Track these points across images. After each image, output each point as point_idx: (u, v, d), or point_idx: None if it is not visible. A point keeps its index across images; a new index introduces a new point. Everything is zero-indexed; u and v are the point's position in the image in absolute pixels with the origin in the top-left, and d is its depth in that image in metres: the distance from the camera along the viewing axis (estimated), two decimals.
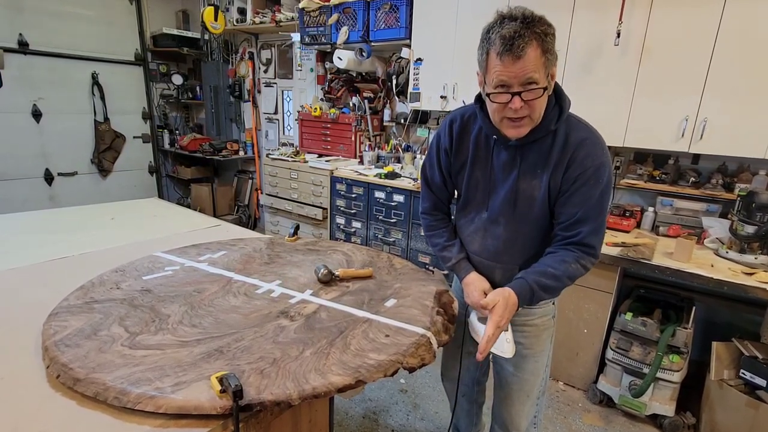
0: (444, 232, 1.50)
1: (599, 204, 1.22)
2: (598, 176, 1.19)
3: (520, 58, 1.04)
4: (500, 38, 1.05)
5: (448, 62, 3.12)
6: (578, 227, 1.22)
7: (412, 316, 1.30)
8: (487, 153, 1.32)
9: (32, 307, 1.34)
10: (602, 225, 1.24)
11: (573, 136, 1.21)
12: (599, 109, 2.46)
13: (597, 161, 1.19)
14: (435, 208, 1.52)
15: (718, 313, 2.63)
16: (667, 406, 2.22)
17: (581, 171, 1.19)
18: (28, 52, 4.26)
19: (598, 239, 1.24)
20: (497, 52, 1.06)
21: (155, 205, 2.84)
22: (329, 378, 0.98)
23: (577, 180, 1.20)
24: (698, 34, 2.20)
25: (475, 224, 1.40)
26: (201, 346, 1.09)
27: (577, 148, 1.19)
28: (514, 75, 1.07)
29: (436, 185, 1.47)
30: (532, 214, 1.28)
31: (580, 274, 1.24)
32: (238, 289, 1.45)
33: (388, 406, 2.43)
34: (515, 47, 1.03)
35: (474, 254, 1.43)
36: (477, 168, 1.35)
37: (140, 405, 0.89)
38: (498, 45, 1.06)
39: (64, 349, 1.06)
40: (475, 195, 1.38)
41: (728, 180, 2.46)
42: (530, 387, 1.50)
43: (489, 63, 1.11)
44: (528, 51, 1.04)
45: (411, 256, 3.32)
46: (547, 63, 1.09)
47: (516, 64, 1.05)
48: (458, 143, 1.37)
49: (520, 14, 1.06)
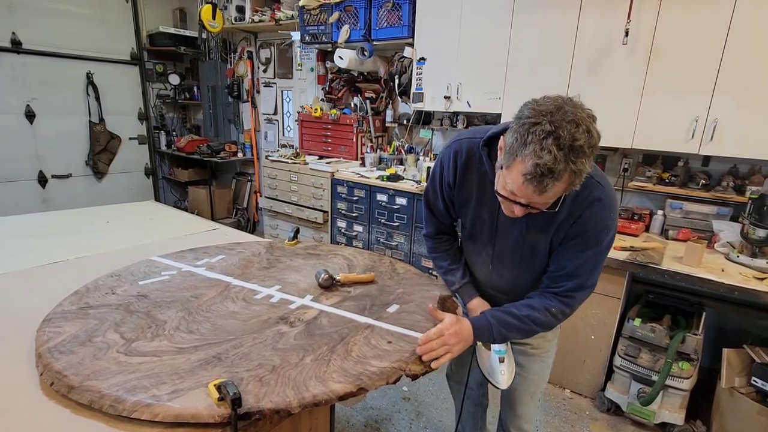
0: (448, 255, 1.50)
1: (592, 264, 1.20)
2: (598, 239, 1.16)
3: (544, 194, 0.97)
4: (533, 165, 0.92)
5: (452, 61, 3.09)
6: (564, 281, 1.22)
7: (415, 322, 1.29)
8: (493, 198, 1.21)
9: (25, 313, 1.33)
10: (589, 284, 1.22)
11: (583, 194, 1.12)
12: (607, 110, 2.44)
13: (601, 224, 1.15)
14: (439, 232, 1.51)
15: (728, 319, 2.61)
16: (677, 415, 2.20)
17: (583, 231, 1.16)
18: (21, 51, 4.22)
19: (580, 294, 1.23)
20: (524, 173, 0.95)
21: (151, 208, 2.83)
22: (330, 385, 0.97)
23: (576, 237, 1.18)
24: (708, 33, 2.17)
25: (482, 258, 1.40)
26: (198, 353, 1.08)
27: (587, 208, 1.14)
28: (528, 199, 1.02)
29: (439, 212, 1.44)
30: (537, 262, 1.28)
31: (546, 321, 1.23)
32: (237, 294, 1.43)
33: (391, 415, 2.40)
34: (543, 184, 0.94)
35: (479, 282, 1.47)
36: (483, 209, 1.30)
37: (136, 413, 0.88)
38: (529, 167, 0.93)
39: (59, 356, 1.05)
40: (480, 232, 1.36)
41: (739, 182, 2.44)
42: (535, 388, 1.52)
43: (512, 168, 0.99)
44: (556, 186, 0.96)
45: (414, 261, 3.30)
46: (570, 188, 1.00)
47: (535, 197, 0.99)
48: (462, 178, 1.31)
49: (567, 143, 0.90)
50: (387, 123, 3.96)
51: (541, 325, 1.22)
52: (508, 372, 1.29)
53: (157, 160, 5.53)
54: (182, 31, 5.10)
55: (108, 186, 5.07)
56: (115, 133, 5.01)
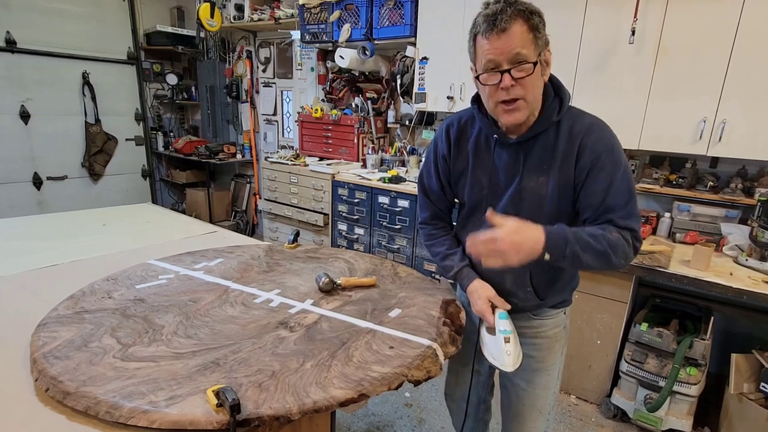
0: (445, 240, 1.44)
1: (625, 186, 1.13)
2: (615, 158, 1.13)
3: (505, 31, 1.03)
4: (483, 17, 1.06)
5: (455, 61, 3.05)
6: (608, 215, 1.14)
7: (418, 326, 1.28)
8: (488, 155, 1.27)
9: (20, 318, 1.32)
10: (635, 209, 1.15)
11: (577, 124, 1.16)
12: (613, 110, 2.40)
13: (609, 144, 1.14)
14: (434, 218, 1.47)
15: (737, 323, 2.59)
16: (684, 421, 2.18)
17: (594, 157, 1.13)
18: (16, 51, 4.19)
19: (633, 221, 1.14)
20: (482, 33, 1.07)
21: (149, 210, 2.82)
22: (331, 391, 0.96)
23: (592, 168, 1.13)
24: (717, 32, 2.14)
25: (482, 229, 1.30)
26: (197, 358, 1.07)
27: (586, 135, 1.14)
28: (500, 51, 1.05)
29: (434, 194, 1.42)
30: (542, 214, 1.20)
31: (623, 248, 1.10)
32: (236, 298, 1.42)
33: (393, 421, 2.38)
34: (498, 22, 1.03)
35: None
36: (479, 171, 1.30)
37: (133, 420, 0.88)
38: (482, 25, 1.06)
39: (54, 362, 1.04)
40: (479, 200, 1.32)
41: (748, 184, 2.41)
42: (543, 402, 1.45)
43: (477, 47, 1.11)
44: (513, 25, 1.03)
45: (416, 264, 3.26)
46: (536, 41, 1.06)
47: (501, 39, 1.04)
48: (457, 148, 1.33)
49: None
50: (389, 124, 3.93)
51: (614, 247, 1.09)
52: (514, 353, 1.20)
53: (155, 162, 5.51)
54: (180, 30, 5.08)
55: (104, 188, 5.05)
56: (111, 134, 4.98)
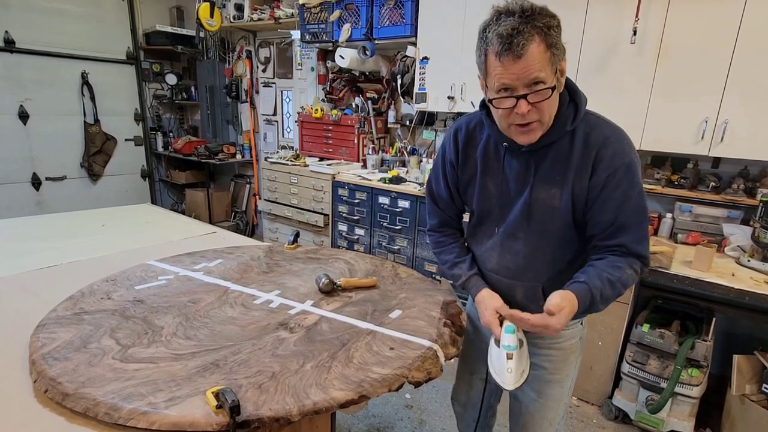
0: (454, 248, 1.40)
1: (638, 207, 1.10)
2: (631, 176, 1.09)
3: (522, 57, 0.95)
4: (497, 37, 0.95)
5: (455, 61, 3.05)
6: (619, 236, 1.11)
7: (418, 327, 1.28)
8: (498, 163, 1.22)
9: (19, 319, 1.32)
10: (647, 231, 1.13)
11: (594, 134, 1.10)
12: (614, 110, 2.31)
13: (626, 159, 1.08)
14: (443, 225, 1.43)
15: (739, 324, 2.58)
16: (686, 423, 2.17)
17: (610, 172, 1.08)
18: (15, 51, 4.18)
19: (644, 247, 1.13)
20: (495, 53, 0.97)
21: (148, 211, 2.82)
22: (331, 393, 0.97)
23: (607, 184, 1.09)
24: (719, 32, 2.14)
25: (492, 240, 1.29)
26: (196, 360, 1.07)
27: (602, 148, 1.08)
28: (516, 77, 0.97)
29: (443, 200, 1.38)
30: (553, 226, 1.17)
31: (632, 281, 1.12)
32: (235, 299, 1.42)
33: (393, 423, 2.36)
34: (515, 45, 0.94)
35: (491, 272, 1.31)
36: (488, 179, 1.25)
37: (132, 421, 0.88)
38: (496, 44, 0.96)
39: (53, 363, 1.04)
40: (488, 209, 1.28)
41: (750, 185, 2.41)
42: (553, 414, 1.41)
43: (488, 66, 1.02)
44: (530, 48, 0.94)
45: (417, 265, 3.25)
46: (554, 59, 0.99)
47: (517, 64, 0.96)
48: (465, 155, 1.28)
49: (518, 8, 0.95)
50: (389, 124, 3.92)
51: (626, 285, 1.11)
52: (516, 370, 1.16)
53: (154, 162, 5.50)
54: (179, 29, 5.07)
55: (103, 188, 5.04)
56: (110, 135, 4.97)
